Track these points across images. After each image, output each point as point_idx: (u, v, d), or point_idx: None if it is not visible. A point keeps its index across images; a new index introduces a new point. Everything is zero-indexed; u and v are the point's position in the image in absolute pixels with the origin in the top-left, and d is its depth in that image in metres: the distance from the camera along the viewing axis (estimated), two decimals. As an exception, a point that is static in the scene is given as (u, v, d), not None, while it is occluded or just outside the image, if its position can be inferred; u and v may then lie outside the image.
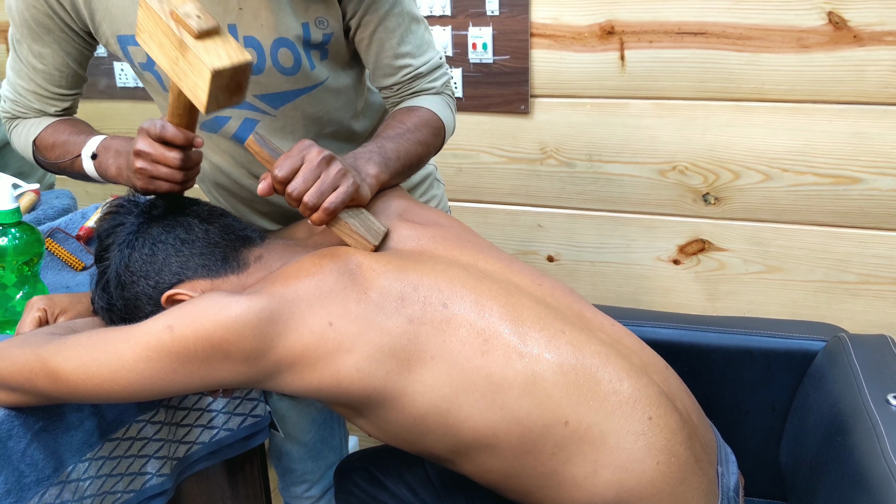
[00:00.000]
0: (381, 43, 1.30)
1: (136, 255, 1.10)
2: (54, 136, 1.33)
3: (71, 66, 1.33)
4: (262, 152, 1.08)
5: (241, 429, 1.40)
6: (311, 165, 1.04)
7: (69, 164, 1.30)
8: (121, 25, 1.24)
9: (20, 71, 1.33)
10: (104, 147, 1.24)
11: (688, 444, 1.00)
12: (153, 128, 1.10)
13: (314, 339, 0.97)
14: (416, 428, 1.00)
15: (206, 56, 1.00)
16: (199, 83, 1.01)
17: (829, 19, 1.75)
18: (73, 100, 1.38)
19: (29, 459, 1.08)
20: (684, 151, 1.94)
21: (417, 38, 1.34)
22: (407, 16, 1.31)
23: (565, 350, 1.00)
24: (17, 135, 1.39)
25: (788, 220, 1.91)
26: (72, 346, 0.99)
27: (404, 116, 1.30)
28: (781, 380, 1.30)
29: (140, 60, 1.28)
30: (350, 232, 1.08)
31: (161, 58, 1.05)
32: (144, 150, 1.10)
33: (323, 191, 1.04)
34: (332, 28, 1.27)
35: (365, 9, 1.27)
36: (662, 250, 2.02)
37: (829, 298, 1.94)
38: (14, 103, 1.37)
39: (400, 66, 1.33)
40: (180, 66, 1.02)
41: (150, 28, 1.04)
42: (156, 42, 1.04)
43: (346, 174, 1.06)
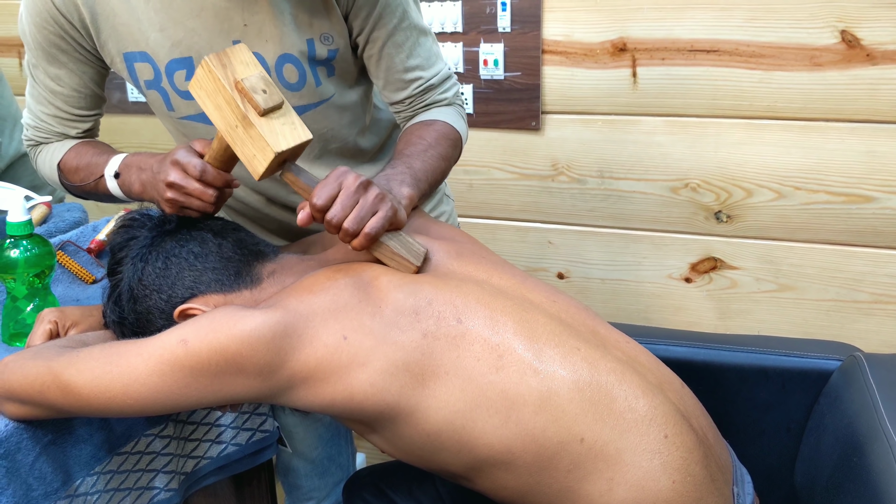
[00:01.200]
0: (391, 58, 1.31)
1: (150, 269, 1.09)
2: (77, 159, 1.33)
3: (88, 86, 1.33)
4: (299, 182, 1.07)
5: (249, 444, 1.39)
6: (349, 191, 1.04)
7: (93, 186, 1.30)
8: (127, 43, 1.25)
9: (38, 96, 1.33)
10: (126, 165, 1.24)
11: (704, 463, 0.99)
12: (191, 167, 1.10)
13: (328, 353, 0.97)
14: (430, 444, 1.00)
15: (271, 136, 1.01)
16: (259, 157, 1.03)
17: (842, 38, 1.75)
18: (93, 120, 1.38)
19: (37, 473, 1.07)
20: (696, 169, 1.93)
21: (426, 50, 1.34)
22: (415, 29, 1.32)
23: (580, 367, 0.99)
24: (41, 161, 1.39)
25: (801, 239, 1.90)
26: (84, 360, 0.99)
27: (423, 131, 1.30)
28: (796, 399, 1.29)
29: (146, 78, 1.28)
30: (391, 255, 1.07)
31: (217, 118, 1.05)
32: (179, 183, 1.10)
33: (362, 216, 1.03)
34: (338, 44, 1.27)
35: (372, 25, 1.27)
36: (674, 268, 2.02)
37: (842, 318, 1.92)
38: (36, 130, 1.37)
39: (411, 80, 1.33)
40: (239, 134, 1.03)
41: (210, 89, 1.04)
42: (213, 103, 1.04)
43: (384, 198, 1.06)
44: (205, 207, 1.12)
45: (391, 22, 1.28)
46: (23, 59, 2.45)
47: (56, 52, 1.27)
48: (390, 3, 1.27)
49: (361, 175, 1.06)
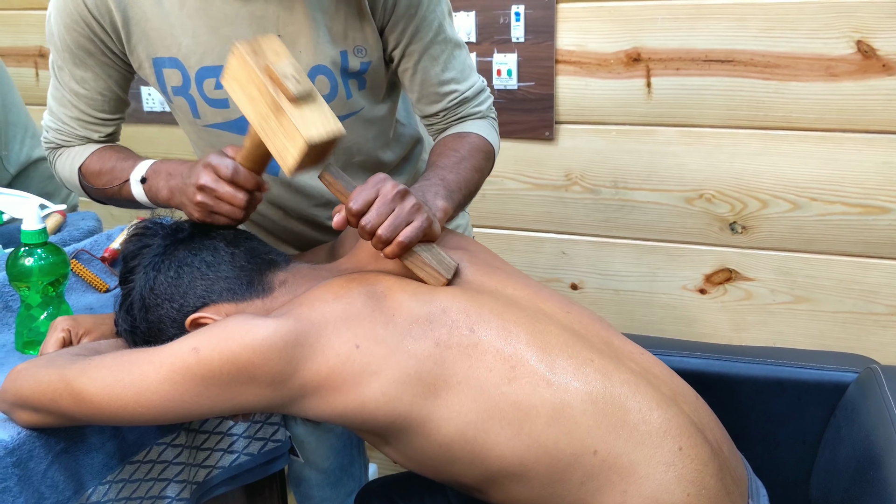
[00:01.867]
0: (426, 71, 1.30)
1: (162, 278, 1.09)
2: (100, 163, 1.32)
3: (113, 90, 1.33)
4: (337, 184, 1.06)
5: (261, 454, 1.39)
6: (386, 199, 1.03)
7: (116, 191, 1.30)
8: (157, 48, 1.25)
9: (62, 98, 1.33)
10: (154, 171, 1.24)
11: (719, 475, 0.98)
12: (223, 168, 1.09)
13: (340, 362, 0.96)
14: (442, 455, 0.99)
15: (303, 125, 1.00)
16: (290, 148, 1.01)
17: (858, 48, 1.74)
18: (116, 125, 1.38)
19: (49, 481, 1.07)
20: (711, 179, 1.92)
21: (460, 63, 1.34)
22: (450, 42, 1.32)
23: (594, 378, 0.99)
24: (61, 164, 1.38)
25: (817, 250, 1.89)
26: (96, 368, 0.99)
27: (456, 143, 1.30)
28: (812, 412, 1.27)
29: (174, 84, 1.28)
30: (423, 265, 1.06)
31: (249, 109, 1.04)
32: (209, 186, 1.10)
33: (397, 224, 1.03)
34: (371, 57, 1.27)
35: (409, 39, 1.27)
36: (688, 279, 2.00)
37: (859, 330, 1.91)
38: (57, 132, 1.36)
39: (446, 93, 1.33)
40: (270, 124, 1.02)
41: (242, 79, 1.03)
42: (246, 94, 1.03)
43: (421, 209, 1.05)
44: (234, 213, 1.12)
45: (427, 35, 1.28)
46: (39, 70, 2.48)
47: (83, 54, 1.27)
48: (426, 16, 1.27)
49: (400, 184, 1.05)
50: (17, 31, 2.48)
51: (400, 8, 1.25)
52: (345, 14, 1.24)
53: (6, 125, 1.78)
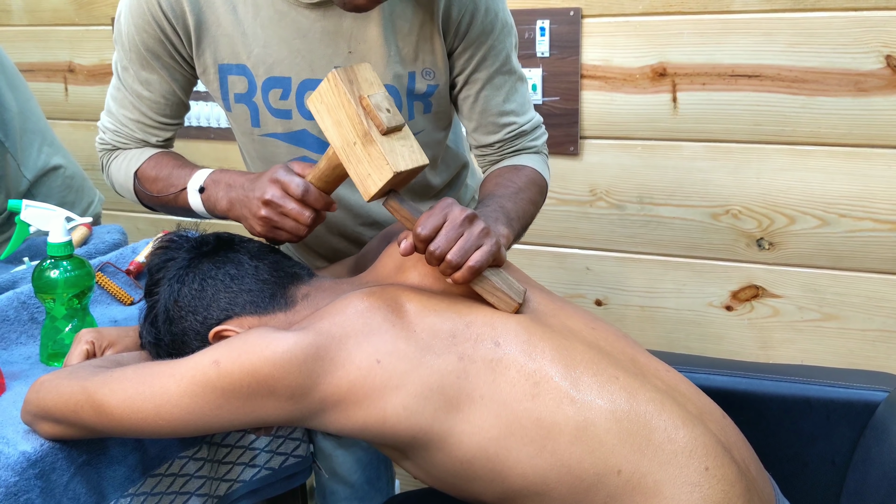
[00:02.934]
0: (487, 100, 1.30)
1: (186, 291, 1.10)
2: (157, 169, 1.32)
3: (177, 94, 1.33)
4: (402, 210, 1.06)
5: (282, 468, 1.38)
6: (454, 224, 1.02)
7: (172, 198, 1.29)
8: (225, 54, 1.25)
9: (123, 100, 1.33)
10: (213, 180, 1.23)
11: (746, 496, 0.96)
12: (293, 185, 1.10)
13: (361, 376, 0.96)
14: (463, 472, 0.98)
15: (391, 156, 1.01)
16: (374, 176, 1.02)
17: (888, 63, 1.72)
18: (174, 130, 1.38)
19: (71, 493, 1.07)
20: (738, 195, 1.90)
21: (521, 96, 1.34)
22: (514, 74, 1.32)
23: (618, 396, 0.97)
24: (116, 166, 1.37)
25: (845, 267, 1.86)
26: (118, 380, 0.99)
27: (513, 175, 1.29)
28: (841, 431, 1.25)
29: (238, 91, 1.27)
30: (493, 290, 1.04)
31: (334, 133, 1.05)
32: (276, 201, 1.10)
33: (467, 249, 1.01)
34: (438, 80, 1.28)
35: (475, 66, 1.27)
36: (714, 296, 1.98)
37: (888, 348, 1.87)
38: (115, 134, 1.36)
39: (504, 124, 1.32)
40: (356, 151, 1.03)
41: (332, 103, 1.04)
42: (333, 118, 1.04)
43: (490, 233, 1.04)
44: (298, 230, 1.12)
45: (494, 65, 1.28)
46: (68, 85, 2.51)
47: (150, 56, 1.27)
48: (496, 45, 1.27)
49: (467, 208, 1.04)
50: (46, 47, 2.51)
51: (472, 34, 1.25)
52: (417, 35, 1.24)
53: (23, 132, 1.81)
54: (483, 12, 1.25)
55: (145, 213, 2.51)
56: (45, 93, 2.54)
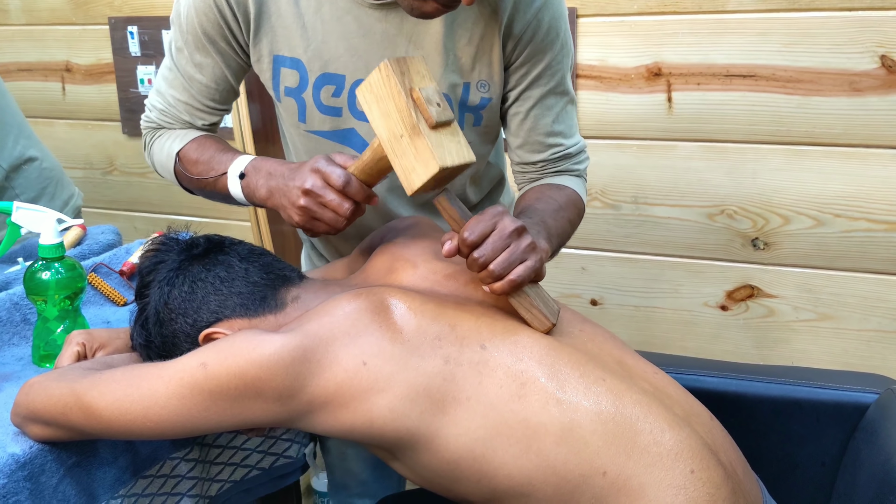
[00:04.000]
0: (537, 119, 1.29)
1: (176, 293, 1.10)
2: (199, 152, 1.30)
3: (228, 80, 1.32)
4: (452, 211, 1.04)
5: (273, 468, 1.39)
6: (503, 234, 1.00)
7: (211, 182, 1.28)
8: (281, 46, 1.24)
9: (174, 81, 1.32)
10: (254, 167, 1.22)
11: (732, 499, 0.96)
12: (334, 176, 1.08)
13: (347, 378, 0.96)
14: (450, 472, 0.98)
15: (438, 150, 0.99)
16: (419, 170, 1.00)
17: (882, 63, 1.71)
18: (221, 115, 1.37)
19: (61, 495, 1.07)
20: (733, 195, 1.90)
21: (570, 118, 1.33)
22: (566, 95, 1.31)
23: (605, 398, 0.97)
24: (158, 146, 1.36)
25: (841, 267, 1.86)
26: (106, 382, 0.99)
27: (554, 193, 1.28)
28: (831, 433, 1.25)
29: (289, 84, 1.27)
30: (530, 306, 1.03)
31: (381, 125, 1.03)
32: (316, 191, 1.09)
33: (511, 261, 1.00)
34: (492, 94, 1.26)
35: (530, 83, 1.26)
36: (710, 296, 1.98)
37: (884, 349, 1.87)
38: (162, 113, 1.35)
39: (551, 145, 1.31)
40: (402, 144, 1.01)
41: (381, 93, 1.02)
42: (381, 109, 1.02)
43: (535, 248, 1.03)
44: (336, 221, 1.11)
45: (548, 84, 1.27)
46: (66, 84, 2.51)
47: (207, 41, 1.27)
48: (553, 65, 1.26)
49: (518, 219, 1.03)
50: (44, 47, 2.52)
51: (532, 50, 1.24)
52: (477, 46, 1.23)
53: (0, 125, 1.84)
54: (545, 30, 1.23)
55: (143, 213, 2.52)
56: (42, 92, 2.54)
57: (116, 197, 2.54)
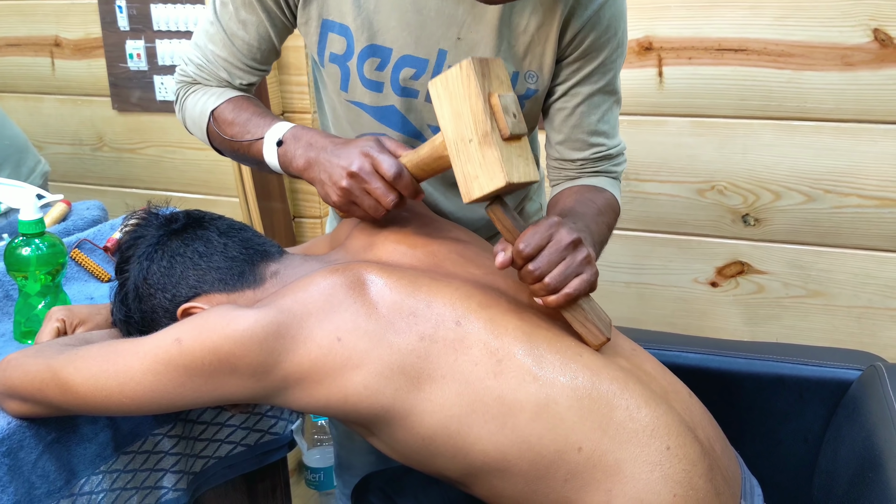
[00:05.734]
0: (583, 116, 1.26)
1: (155, 268, 1.09)
2: (235, 113, 1.25)
3: (271, 40, 1.27)
4: (506, 220, 1.01)
5: (258, 445, 1.39)
6: (559, 246, 0.98)
7: (245, 146, 1.23)
8: (332, 10, 1.21)
9: (215, 36, 1.27)
10: (293, 136, 1.17)
11: (708, 476, 0.96)
12: (386, 166, 1.04)
13: (322, 354, 0.95)
14: (425, 448, 0.98)
15: (507, 164, 0.95)
16: (482, 180, 0.97)
17: (875, 37, 1.70)
18: (260, 76, 1.32)
19: (40, 471, 1.07)
20: (724, 171, 1.89)
21: (614, 118, 1.30)
22: (614, 95, 1.28)
23: (581, 375, 0.97)
24: (192, 101, 1.31)
25: (831, 244, 1.85)
26: (82, 358, 0.99)
27: (594, 195, 1.25)
28: (814, 410, 1.25)
29: (335, 50, 1.22)
30: (584, 320, 1.01)
31: (449, 124, 0.99)
32: (364, 176, 1.05)
33: (567, 275, 0.98)
34: (539, 86, 1.24)
35: (581, 79, 1.23)
36: (700, 272, 1.98)
37: (874, 325, 1.87)
38: (199, 69, 1.30)
39: (593, 144, 1.28)
40: (469, 149, 0.97)
41: (457, 93, 0.97)
42: (453, 108, 0.98)
43: (591, 261, 1.01)
44: (377, 210, 1.08)
45: (599, 82, 1.24)
46: (55, 60, 2.49)
47: None
48: (606, 63, 1.23)
49: (574, 230, 1.01)
50: (33, 21, 2.49)
51: (587, 46, 1.21)
52: (532, 36, 1.19)
53: None
54: (604, 28, 1.20)
55: (133, 189, 2.51)
56: (31, 67, 2.53)
57: (106, 173, 2.53)
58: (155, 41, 2.28)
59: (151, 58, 2.29)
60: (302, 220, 2.29)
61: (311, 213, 2.27)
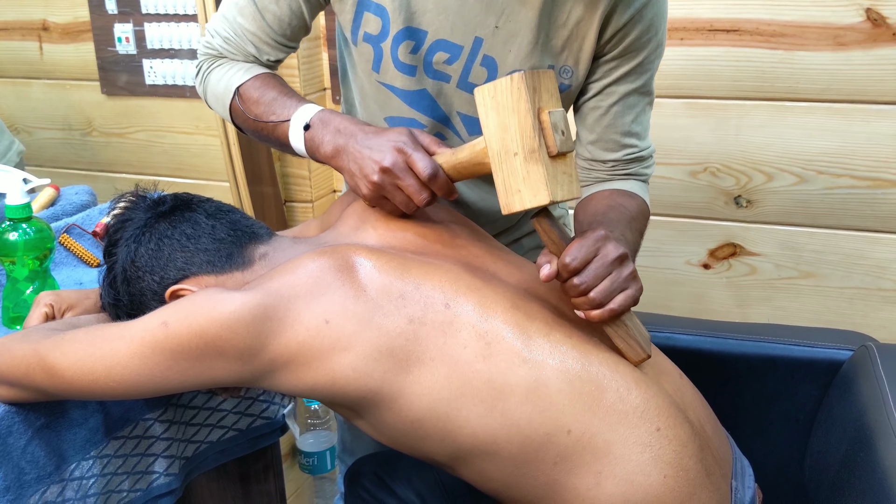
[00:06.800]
0: (617, 117, 1.24)
1: (142, 251, 1.08)
2: (261, 92, 1.21)
3: (303, 16, 1.24)
4: (552, 233, 0.99)
5: (250, 429, 1.38)
6: (606, 261, 0.97)
7: (271, 128, 1.19)
8: None
9: (245, 9, 1.23)
10: (321, 120, 1.13)
11: (699, 456, 0.96)
12: (422, 166, 1.02)
13: (309, 336, 0.95)
14: (414, 431, 0.98)
15: (552, 182, 0.93)
16: (525, 195, 0.95)
17: (868, 16, 1.69)
18: (287, 53, 1.28)
19: (30, 456, 1.07)
20: (716, 153, 1.88)
21: (647, 119, 1.28)
22: (648, 96, 1.26)
23: (571, 357, 0.97)
24: (217, 76, 1.26)
25: (823, 225, 1.85)
26: (69, 342, 0.98)
27: (626, 201, 1.23)
28: (805, 390, 1.25)
29: (369, 30, 1.19)
30: (626, 336, 1.00)
31: (495, 135, 0.96)
32: (397, 173, 1.03)
33: (612, 290, 0.97)
34: (573, 82, 1.21)
35: (617, 78, 1.21)
36: (693, 254, 1.97)
37: (866, 306, 1.87)
38: (225, 42, 1.26)
39: (625, 145, 1.26)
40: (513, 162, 0.95)
41: (506, 105, 0.95)
42: (500, 119, 0.95)
43: (636, 277, 1.00)
44: (408, 207, 1.05)
45: (635, 82, 1.22)
46: (43, 44, 2.47)
47: None
48: (644, 63, 1.21)
49: (620, 245, 1.00)
50: (20, 5, 2.47)
51: (627, 45, 1.19)
52: (571, 30, 1.17)
53: None
54: (646, 26, 1.18)
55: (123, 174, 2.49)
56: (19, 52, 2.50)
57: (96, 158, 2.51)
58: (143, 24, 2.26)
59: (140, 41, 2.27)
60: (293, 204, 2.27)
61: (301, 198, 2.26)
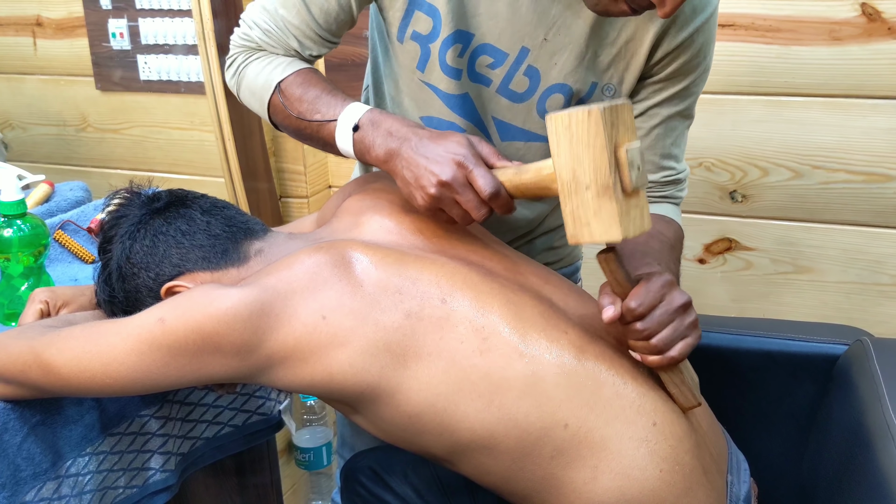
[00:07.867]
0: (658, 139, 1.22)
1: (138, 247, 1.08)
2: (304, 89, 1.15)
3: (350, 10, 1.18)
4: (618, 273, 0.97)
5: (246, 425, 1.38)
6: (671, 308, 0.96)
7: (315, 127, 1.13)
8: None
9: (288, 1, 1.17)
10: (371, 121, 1.08)
11: (695, 452, 0.96)
12: (483, 184, 0.98)
13: (306, 332, 0.95)
14: (412, 426, 0.98)
15: (624, 220, 0.90)
16: (595, 229, 0.92)
17: (863, 10, 1.69)
18: (330, 48, 1.22)
19: (25, 453, 1.07)
20: (712, 147, 1.88)
21: (684, 142, 1.27)
22: (689, 119, 1.25)
23: (567, 352, 0.97)
24: (255, 69, 1.19)
25: (820, 220, 1.85)
26: (65, 339, 0.98)
27: (664, 228, 1.21)
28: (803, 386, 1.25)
29: (418, 29, 1.16)
30: (680, 384, 0.99)
31: (566, 166, 0.92)
32: (456, 188, 0.99)
33: (674, 338, 0.96)
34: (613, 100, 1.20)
35: (661, 101, 1.20)
36: (688, 249, 1.97)
37: (863, 301, 1.87)
38: (266, 34, 1.19)
39: (663, 167, 1.25)
40: (584, 195, 0.91)
41: (581, 139, 0.90)
42: (573, 151, 0.91)
43: (697, 326, 0.99)
44: (464, 220, 1.02)
45: (679, 106, 1.21)
46: (37, 39, 2.46)
47: None
48: (690, 88, 1.20)
49: (685, 293, 0.99)
50: (14, 0, 2.46)
51: (675, 68, 1.17)
52: (620, 48, 1.16)
53: None
54: (695, 52, 1.17)
55: (118, 170, 2.48)
56: (13, 48, 2.49)
57: (90, 154, 2.50)
58: (138, 20, 2.25)
59: (134, 37, 2.26)
60: (288, 199, 2.27)
61: (297, 193, 2.25)
